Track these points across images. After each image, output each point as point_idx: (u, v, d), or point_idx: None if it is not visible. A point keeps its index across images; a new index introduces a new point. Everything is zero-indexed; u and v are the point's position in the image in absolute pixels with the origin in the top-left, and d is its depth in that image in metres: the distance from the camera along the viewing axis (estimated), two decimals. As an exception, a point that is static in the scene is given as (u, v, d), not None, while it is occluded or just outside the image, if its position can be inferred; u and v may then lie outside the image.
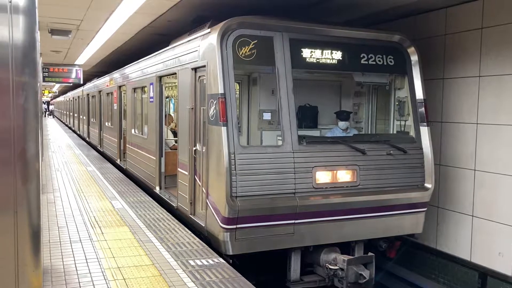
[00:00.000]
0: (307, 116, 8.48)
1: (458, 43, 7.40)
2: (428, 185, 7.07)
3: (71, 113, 34.63)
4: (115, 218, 7.41)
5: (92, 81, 21.75)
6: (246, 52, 6.22)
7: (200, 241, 6.31)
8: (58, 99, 59.60)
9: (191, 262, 5.45)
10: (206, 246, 6.08)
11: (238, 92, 8.37)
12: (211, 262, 5.47)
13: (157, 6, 8.49)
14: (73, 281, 4.81)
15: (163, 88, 9.45)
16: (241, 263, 6.11)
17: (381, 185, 6.79)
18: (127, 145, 12.50)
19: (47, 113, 56.52)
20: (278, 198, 6.13)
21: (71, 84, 24.57)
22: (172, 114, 13.14)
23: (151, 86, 9.62)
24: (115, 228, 6.80)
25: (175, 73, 8.05)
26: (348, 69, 7.19)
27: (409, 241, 7.97)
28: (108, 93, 15.74)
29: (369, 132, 8.26)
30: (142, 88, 10.75)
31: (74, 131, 30.00)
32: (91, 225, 6.94)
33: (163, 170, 9.35)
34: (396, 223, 7.01)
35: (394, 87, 7.65)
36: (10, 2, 3.32)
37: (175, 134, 10.45)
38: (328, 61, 6.77)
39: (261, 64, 6.70)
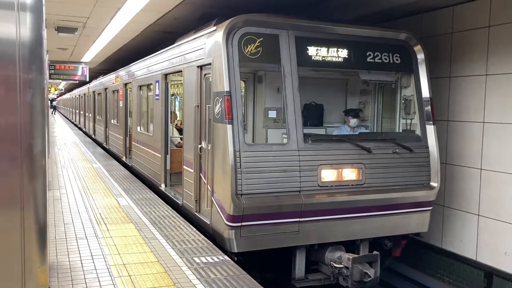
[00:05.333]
0: (312, 114, 8.46)
1: (465, 41, 7.36)
2: (434, 184, 7.04)
3: (77, 111, 34.77)
4: (121, 215, 7.44)
5: (98, 79, 21.82)
6: (251, 50, 6.22)
7: (205, 238, 6.33)
8: (64, 97, 59.87)
9: (196, 259, 5.47)
10: (211, 244, 6.09)
11: (243, 90, 8.37)
12: (216, 259, 5.48)
13: (163, 3, 8.50)
14: (79, 278, 4.83)
15: (169, 85, 9.47)
16: (246, 260, 6.12)
17: (386, 184, 6.77)
18: (132, 142, 12.54)
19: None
20: (283, 196, 6.13)
21: (77, 82, 24.69)
22: (177, 112, 13.16)
23: (157, 83, 9.63)
24: (120, 225, 6.83)
25: (181, 71, 8.06)
26: (354, 67, 7.17)
27: (415, 240, 7.94)
28: (114, 91, 15.79)
29: (375, 131, 8.24)
30: (148, 85, 10.77)
31: (80, 129, 30.12)
32: (97, 222, 6.97)
33: (168, 167, 9.37)
34: (401, 222, 6.99)
35: (400, 85, 7.62)
36: (18, -1, 3.34)
37: (179, 131, 10.47)
38: (334, 59, 6.75)
39: (267, 62, 6.69)
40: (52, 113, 48.87)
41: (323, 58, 6.68)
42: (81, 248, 5.76)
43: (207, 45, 6.68)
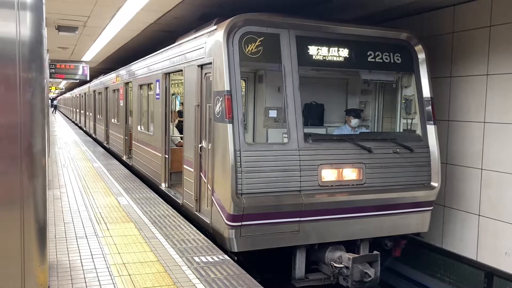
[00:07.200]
0: (313, 114, 8.45)
1: (466, 41, 7.35)
2: (434, 183, 7.03)
3: (77, 110, 34.78)
4: (121, 214, 7.44)
5: (98, 78, 21.82)
6: (252, 49, 6.21)
7: (205, 238, 6.32)
8: (64, 96, 59.91)
9: (196, 258, 5.46)
10: (211, 243, 6.09)
11: (244, 90, 8.36)
12: (216, 259, 5.48)
13: (164, 3, 8.50)
14: (78, 277, 4.83)
15: (169, 85, 9.46)
16: (246, 260, 6.11)
17: (387, 184, 6.76)
18: (133, 141, 12.54)
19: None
20: (283, 196, 6.12)
21: (78, 81, 24.70)
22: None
23: (157, 83, 9.63)
24: (120, 224, 6.83)
25: (181, 70, 8.06)
26: (354, 67, 7.16)
27: (415, 240, 7.94)
28: (114, 90, 15.79)
29: (376, 130, 8.24)
30: (148, 85, 10.77)
31: (80, 128, 30.12)
32: (97, 221, 6.97)
33: (168, 166, 9.37)
34: (402, 222, 6.98)
35: (401, 85, 7.61)
36: (18, -2, 3.34)
37: (180, 131, 10.45)
38: (335, 58, 6.74)
39: (267, 62, 6.68)
40: (52, 112, 48.92)
41: (324, 58, 6.67)
42: (81, 247, 5.76)
43: (208, 44, 6.68)
